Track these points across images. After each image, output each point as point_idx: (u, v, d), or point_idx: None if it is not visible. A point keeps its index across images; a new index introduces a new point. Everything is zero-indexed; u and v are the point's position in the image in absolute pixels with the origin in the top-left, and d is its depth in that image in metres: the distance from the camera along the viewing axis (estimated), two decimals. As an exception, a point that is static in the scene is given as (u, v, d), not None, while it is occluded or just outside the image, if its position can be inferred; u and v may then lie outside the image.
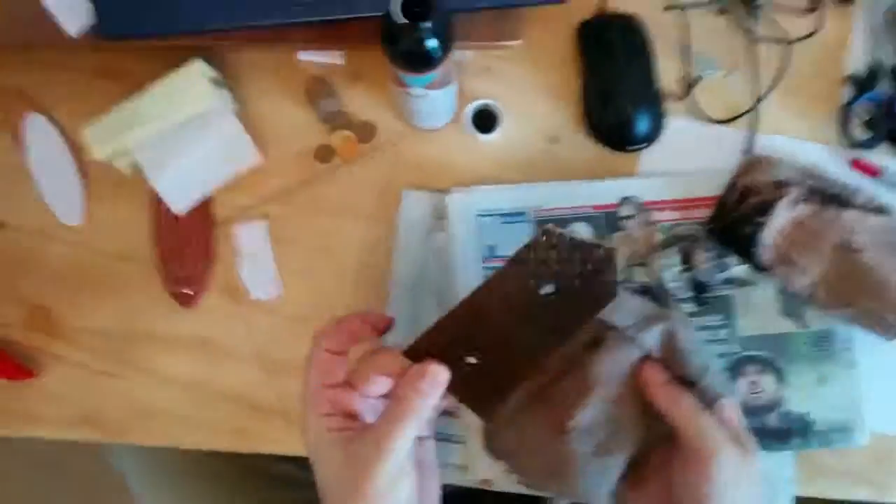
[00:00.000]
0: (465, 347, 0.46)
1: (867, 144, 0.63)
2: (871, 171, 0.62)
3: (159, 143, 0.60)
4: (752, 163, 0.61)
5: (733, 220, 0.59)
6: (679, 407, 0.48)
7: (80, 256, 0.64)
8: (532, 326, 0.47)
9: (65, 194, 0.64)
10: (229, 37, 0.60)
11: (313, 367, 0.48)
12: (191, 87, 0.59)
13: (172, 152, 0.60)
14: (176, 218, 0.62)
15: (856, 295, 0.57)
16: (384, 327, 0.51)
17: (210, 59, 0.62)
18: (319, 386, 0.47)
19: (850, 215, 0.59)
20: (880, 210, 0.59)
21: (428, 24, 0.50)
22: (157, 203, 0.63)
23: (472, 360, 0.46)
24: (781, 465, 0.58)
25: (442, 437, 0.59)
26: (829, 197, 0.60)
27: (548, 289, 0.48)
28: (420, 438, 0.49)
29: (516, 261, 0.49)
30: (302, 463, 0.71)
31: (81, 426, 0.63)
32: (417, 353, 0.46)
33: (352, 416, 0.47)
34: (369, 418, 0.48)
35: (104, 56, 0.65)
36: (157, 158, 0.60)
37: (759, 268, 0.59)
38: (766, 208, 0.58)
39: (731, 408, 0.50)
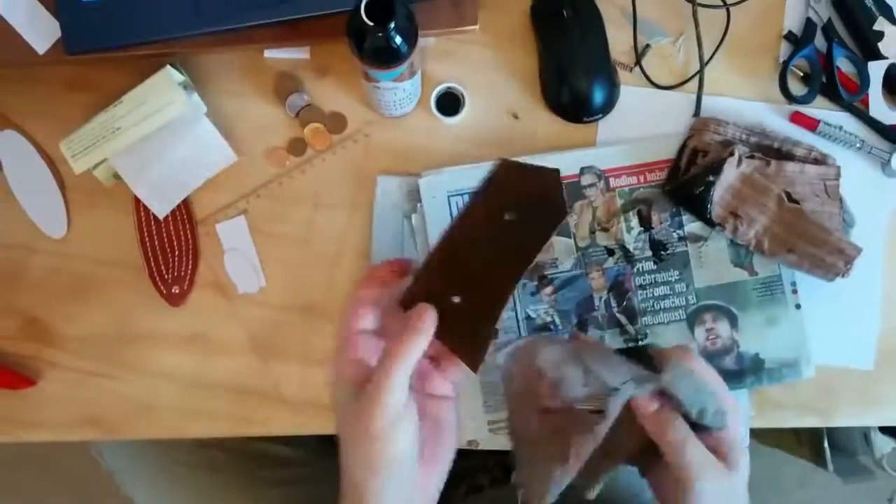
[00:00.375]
0: (449, 287, 0.48)
1: (804, 99, 0.67)
2: (809, 124, 0.67)
3: (136, 150, 0.61)
4: (700, 125, 0.66)
5: (686, 181, 0.64)
6: (666, 436, 0.50)
7: (68, 266, 0.66)
8: (501, 254, 0.49)
9: (47, 207, 0.65)
10: (195, 42, 0.61)
11: (349, 314, 0.50)
12: (162, 93, 0.60)
13: (150, 159, 0.61)
14: (159, 221, 0.64)
15: (798, 241, 0.63)
16: (407, 269, 0.52)
17: (178, 64, 0.63)
18: (352, 332, 0.49)
19: (791, 167, 0.64)
20: (818, 161, 0.65)
21: (392, 24, 0.52)
22: (139, 208, 0.64)
23: (457, 299, 0.48)
24: (741, 401, 0.64)
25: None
26: (772, 151, 0.65)
27: (509, 216, 0.50)
28: (436, 396, 0.51)
29: (479, 194, 0.51)
30: (297, 442, 0.75)
31: (83, 427, 0.65)
32: (410, 301, 0.48)
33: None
34: None
35: (74, 69, 0.65)
36: (135, 166, 0.61)
37: (711, 223, 0.63)
38: (715, 168, 0.63)
39: (728, 430, 0.52)
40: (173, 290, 0.64)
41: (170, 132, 0.61)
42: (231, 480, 0.79)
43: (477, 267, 0.49)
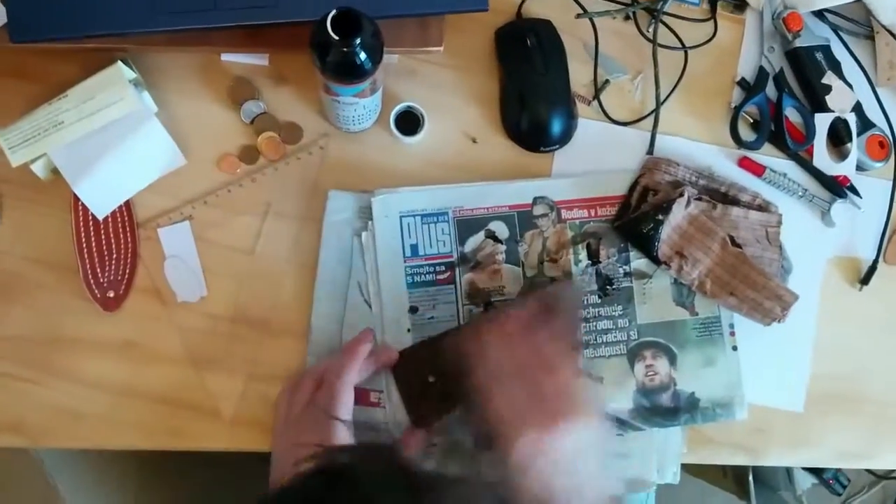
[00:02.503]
0: (430, 367, 0.61)
1: (753, 145, 0.69)
2: (756, 170, 0.69)
3: (79, 147, 0.58)
4: (651, 164, 0.67)
5: (635, 218, 0.65)
6: None
7: (-4, 263, 0.62)
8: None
9: (-24, 199, 0.62)
10: (149, 39, 0.59)
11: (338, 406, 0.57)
12: (111, 89, 0.58)
13: (93, 157, 0.59)
14: (97, 221, 0.62)
15: (739, 285, 0.64)
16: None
17: (130, 61, 0.61)
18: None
19: (736, 212, 0.66)
20: (761, 207, 0.67)
21: (358, 40, 0.51)
22: (77, 207, 0.61)
23: (431, 378, 0.61)
24: (672, 440, 0.65)
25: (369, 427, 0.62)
26: (718, 195, 0.67)
27: None
28: None
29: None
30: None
31: (4, 434, 0.61)
32: (402, 357, 0.61)
33: None
34: None
35: (18, 56, 0.62)
36: (77, 163, 0.58)
37: (657, 261, 0.65)
38: (664, 207, 0.64)
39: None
40: (108, 295, 0.62)
41: (116, 130, 0.59)
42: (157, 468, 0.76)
43: (455, 369, 0.58)
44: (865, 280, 0.69)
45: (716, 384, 0.65)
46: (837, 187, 0.69)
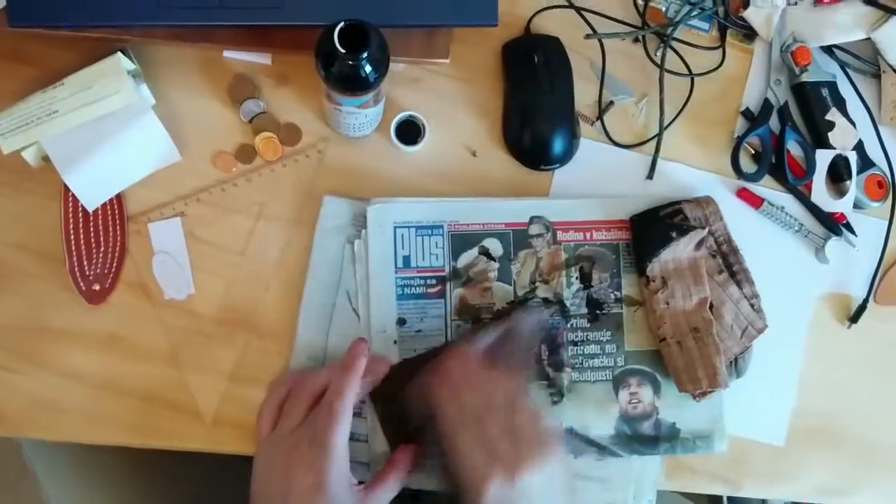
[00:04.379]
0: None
1: (753, 177, 0.69)
2: (754, 202, 0.69)
3: (72, 137, 0.57)
4: (704, 201, 0.66)
5: (653, 219, 0.64)
6: None
7: (-20, 248, 0.61)
8: None
9: (-36, 184, 0.61)
10: (152, 32, 0.58)
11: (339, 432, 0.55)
12: (109, 80, 0.57)
13: (86, 147, 0.58)
14: (87, 213, 0.61)
15: (688, 341, 0.63)
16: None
17: (130, 52, 0.60)
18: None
19: (734, 292, 0.65)
20: (754, 307, 0.65)
21: (365, 54, 0.50)
22: (67, 196, 0.60)
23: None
24: (650, 468, 0.65)
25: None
26: (732, 269, 0.65)
27: None
28: None
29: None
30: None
31: (-21, 420, 0.61)
32: (384, 387, 0.60)
33: None
34: None
35: (16, 39, 0.61)
36: (69, 153, 0.57)
37: (642, 271, 0.64)
38: (683, 229, 0.64)
39: None
40: (94, 287, 0.61)
41: (111, 121, 0.58)
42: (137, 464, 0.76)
43: None
44: (854, 318, 0.69)
45: (698, 416, 0.65)
46: (833, 224, 0.69)
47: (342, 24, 0.49)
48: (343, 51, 0.49)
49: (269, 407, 0.58)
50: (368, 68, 0.52)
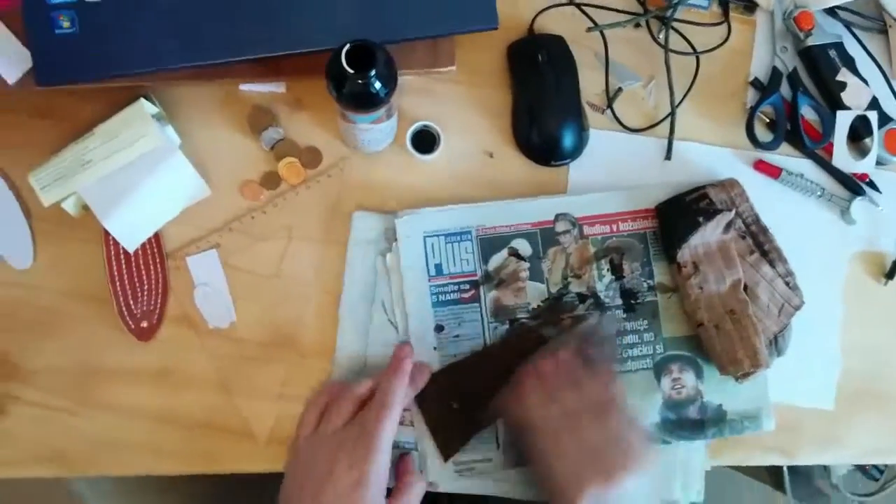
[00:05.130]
0: (453, 393, 0.63)
1: (770, 145, 0.69)
2: (772, 172, 0.69)
3: (107, 183, 0.60)
4: (729, 184, 0.66)
5: (679, 206, 0.65)
6: None
7: (33, 298, 0.64)
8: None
9: (13, 238, 0.64)
10: (169, 75, 0.61)
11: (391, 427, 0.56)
12: (135, 126, 0.60)
13: (121, 192, 0.60)
14: (128, 254, 0.63)
15: (726, 324, 0.63)
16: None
17: (151, 96, 0.63)
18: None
19: (767, 271, 0.65)
20: (789, 285, 0.65)
21: (373, 72, 0.52)
22: (108, 241, 0.63)
23: (455, 405, 0.62)
24: (695, 457, 0.65)
25: (395, 446, 0.63)
26: (761, 248, 0.66)
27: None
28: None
29: (497, 343, 0.64)
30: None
31: (47, 464, 0.63)
32: (425, 397, 0.62)
33: None
34: None
35: (44, 97, 0.64)
36: (106, 199, 0.60)
37: (673, 258, 0.64)
38: (710, 213, 0.64)
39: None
40: (142, 325, 0.63)
41: (142, 164, 0.61)
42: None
43: (479, 391, 0.62)
44: (890, 275, 0.69)
45: (743, 397, 0.65)
46: (855, 184, 0.69)
47: (348, 45, 0.50)
48: (352, 71, 0.51)
49: (311, 412, 0.60)
50: (378, 85, 0.53)
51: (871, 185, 0.69)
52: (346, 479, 0.54)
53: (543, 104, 0.67)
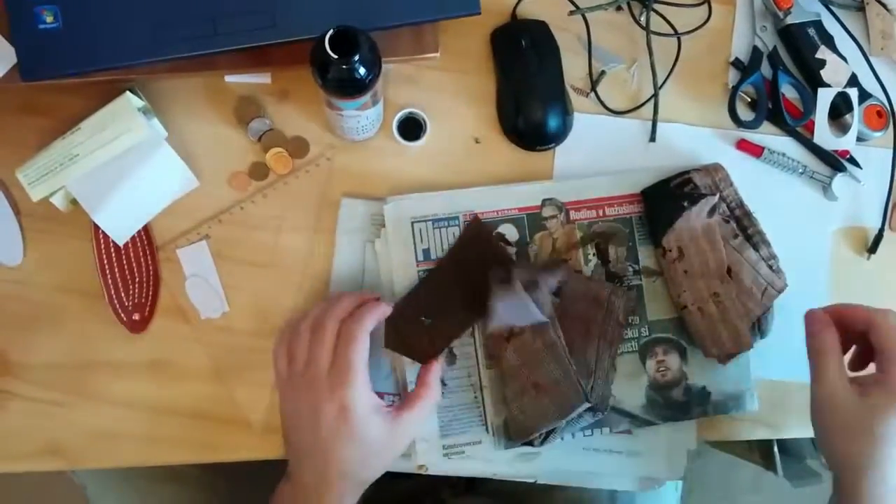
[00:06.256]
0: (423, 312, 0.64)
1: (752, 124, 0.70)
2: (754, 151, 0.70)
3: (95, 177, 0.60)
4: (713, 168, 0.67)
5: (664, 190, 0.66)
6: None
7: (24, 294, 0.64)
8: (466, 300, 0.64)
9: (2, 235, 0.64)
10: (155, 68, 0.61)
11: (360, 349, 0.57)
12: (121, 119, 0.60)
13: (109, 186, 0.60)
14: (118, 247, 0.64)
15: (710, 306, 0.64)
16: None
17: (137, 89, 0.63)
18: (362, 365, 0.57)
19: (750, 255, 0.65)
20: (772, 268, 0.66)
21: (356, 57, 0.52)
22: (98, 234, 0.63)
23: (427, 320, 0.64)
24: (680, 437, 0.66)
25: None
26: (746, 232, 0.66)
27: (474, 273, 0.64)
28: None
29: (452, 249, 0.65)
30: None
31: (45, 457, 0.64)
32: (394, 316, 0.63)
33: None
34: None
35: (29, 93, 0.64)
36: (94, 193, 0.60)
37: (657, 242, 0.65)
38: (694, 197, 0.65)
39: None
40: (134, 317, 0.64)
41: (129, 158, 0.61)
42: (198, 493, 0.78)
43: (445, 304, 0.64)
44: (873, 248, 0.70)
45: (727, 378, 0.66)
46: (836, 161, 0.70)
47: (332, 31, 0.51)
48: (336, 56, 0.51)
49: (280, 348, 0.60)
50: (362, 70, 0.54)
51: (853, 161, 0.70)
52: (329, 412, 0.56)
53: (527, 89, 0.67)
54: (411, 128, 0.67)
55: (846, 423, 0.56)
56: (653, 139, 0.69)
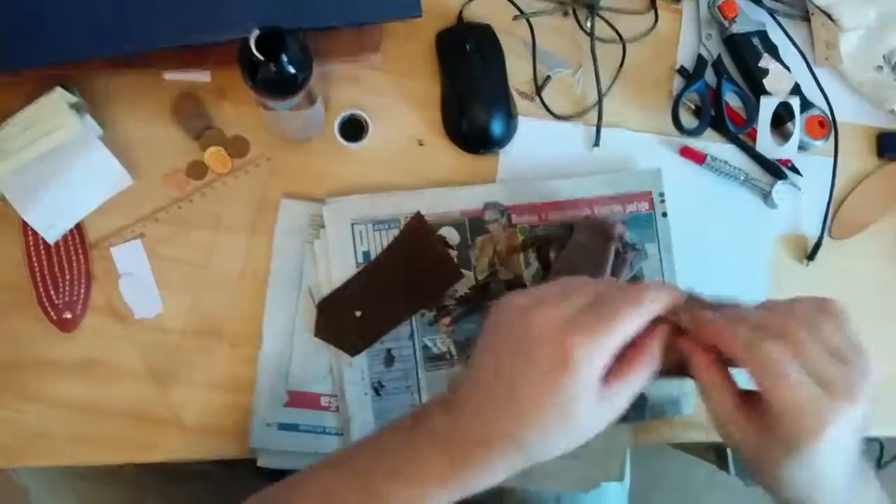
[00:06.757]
0: (355, 304, 0.64)
1: (695, 131, 0.70)
2: (697, 158, 0.70)
3: (25, 173, 0.59)
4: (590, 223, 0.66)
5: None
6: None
7: (-51, 291, 0.63)
8: (401, 296, 0.64)
9: (-73, 231, 0.63)
10: (90, 64, 0.60)
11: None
12: (52, 116, 0.59)
13: (40, 182, 0.60)
14: (49, 244, 0.63)
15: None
16: None
17: (70, 85, 0.62)
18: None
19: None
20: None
21: (284, 58, 0.52)
22: (27, 231, 0.62)
23: (358, 313, 0.64)
24: (618, 438, 0.66)
25: (320, 431, 0.64)
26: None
27: (413, 268, 0.65)
28: None
29: (392, 244, 0.65)
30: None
31: (-24, 455, 0.63)
32: (326, 305, 0.64)
33: None
34: None
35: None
36: (24, 190, 0.59)
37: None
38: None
39: None
40: (64, 316, 0.63)
41: (61, 155, 0.60)
42: (142, 495, 0.77)
43: (379, 297, 0.64)
44: (811, 256, 0.70)
45: (664, 382, 0.65)
46: (777, 169, 0.70)
47: (257, 32, 0.50)
48: (262, 57, 0.51)
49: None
50: (291, 70, 0.53)
51: (794, 169, 0.71)
52: (580, 342, 0.42)
53: (471, 92, 0.67)
54: (354, 129, 0.66)
55: (749, 461, 0.47)
56: (597, 144, 0.70)
